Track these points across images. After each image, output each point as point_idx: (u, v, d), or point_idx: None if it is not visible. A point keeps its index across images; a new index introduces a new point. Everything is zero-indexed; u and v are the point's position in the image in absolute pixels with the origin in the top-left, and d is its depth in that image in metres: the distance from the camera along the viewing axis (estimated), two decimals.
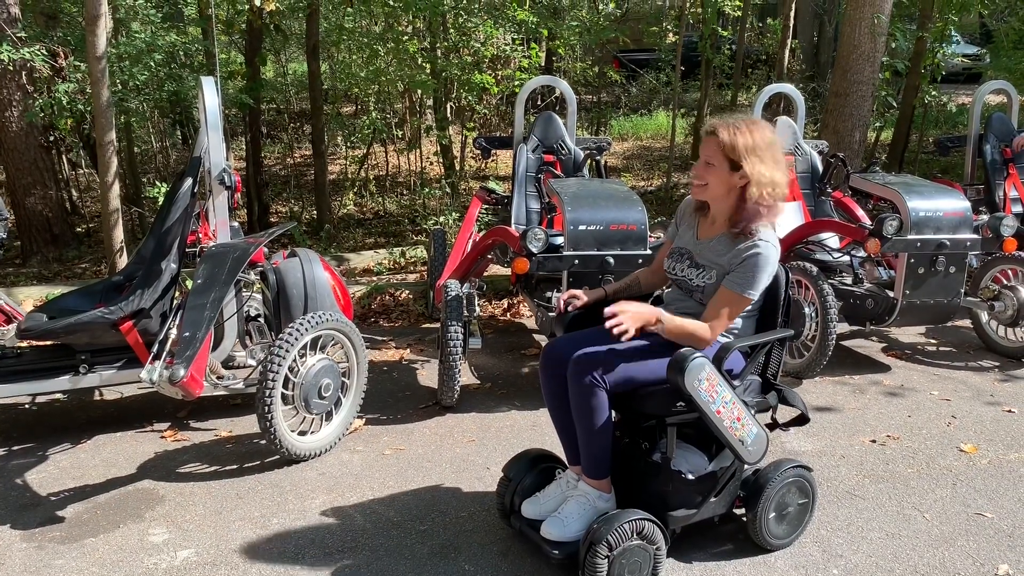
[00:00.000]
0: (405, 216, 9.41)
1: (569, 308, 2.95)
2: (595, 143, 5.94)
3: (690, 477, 2.79)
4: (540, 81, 6.45)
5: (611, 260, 4.07)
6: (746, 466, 2.92)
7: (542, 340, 5.27)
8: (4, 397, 4.00)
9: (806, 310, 4.58)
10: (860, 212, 5.60)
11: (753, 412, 2.79)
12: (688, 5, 11.07)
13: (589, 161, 5.75)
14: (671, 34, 11.36)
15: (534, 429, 4.02)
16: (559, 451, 3.03)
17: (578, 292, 2.95)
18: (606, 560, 2.59)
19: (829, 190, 5.60)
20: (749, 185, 2.65)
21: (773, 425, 2.98)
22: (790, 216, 5.43)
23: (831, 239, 5.27)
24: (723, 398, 2.65)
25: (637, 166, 11.72)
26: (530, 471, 3.03)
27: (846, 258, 5.06)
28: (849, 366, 4.93)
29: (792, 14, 10.78)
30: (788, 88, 6.07)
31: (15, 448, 3.87)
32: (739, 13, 11.02)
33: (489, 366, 4.96)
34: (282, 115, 12.72)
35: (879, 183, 4.98)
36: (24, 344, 4.03)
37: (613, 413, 2.77)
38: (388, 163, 10.75)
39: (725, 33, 11.26)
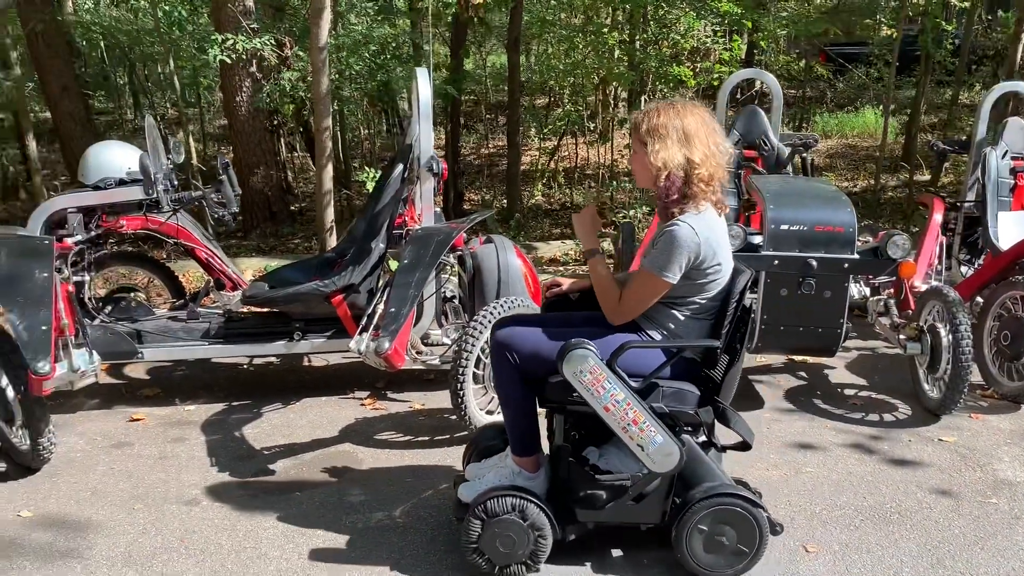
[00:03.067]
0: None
1: (547, 294, 3.08)
2: (801, 139, 5.69)
3: (596, 471, 2.74)
4: (745, 74, 6.26)
5: (813, 263, 3.88)
6: (705, 485, 2.73)
7: None
8: (228, 356, 4.43)
9: None
10: None
11: (661, 422, 2.60)
12: None
13: (796, 158, 5.51)
14: (885, 27, 10.66)
15: None
16: None
17: (560, 279, 3.06)
18: (479, 523, 2.68)
19: None
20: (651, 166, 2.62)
21: (708, 444, 2.81)
22: (1017, 227, 4.96)
23: None
24: (613, 396, 2.56)
25: (841, 165, 11.11)
26: (495, 439, 3.13)
27: None
28: None
29: None
30: (1021, 86, 5.54)
31: (234, 403, 4.26)
32: (966, 4, 10.15)
33: None
34: (479, 106, 13.10)
35: None
36: (245, 310, 4.43)
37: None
38: (577, 155, 10.82)
39: (949, 27, 10.41)
